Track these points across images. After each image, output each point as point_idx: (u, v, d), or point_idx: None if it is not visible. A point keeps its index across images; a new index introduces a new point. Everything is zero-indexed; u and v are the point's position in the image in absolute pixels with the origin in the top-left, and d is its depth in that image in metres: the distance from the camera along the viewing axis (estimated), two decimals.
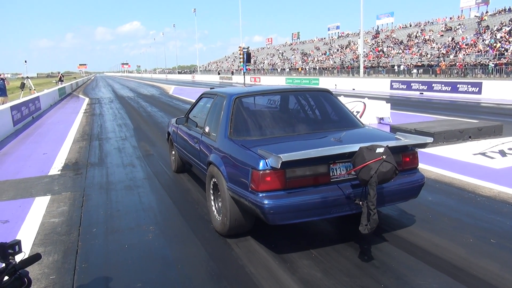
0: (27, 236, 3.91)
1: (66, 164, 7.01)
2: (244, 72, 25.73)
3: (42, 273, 3.20)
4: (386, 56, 48.68)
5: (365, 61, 43.49)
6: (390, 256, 3.33)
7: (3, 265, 1.93)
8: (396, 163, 3.06)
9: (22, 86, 20.36)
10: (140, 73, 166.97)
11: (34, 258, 2.03)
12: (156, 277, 3.12)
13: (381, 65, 45.42)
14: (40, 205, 4.84)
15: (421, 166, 5.96)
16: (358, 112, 11.18)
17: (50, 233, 4.00)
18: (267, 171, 3.06)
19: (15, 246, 1.92)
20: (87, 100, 23.47)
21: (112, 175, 6.20)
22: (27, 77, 23.19)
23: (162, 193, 5.22)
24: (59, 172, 6.45)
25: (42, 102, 17.46)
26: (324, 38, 75.83)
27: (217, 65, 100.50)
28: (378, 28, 62.47)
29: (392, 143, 3.31)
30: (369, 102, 11.04)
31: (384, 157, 2.99)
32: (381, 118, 10.77)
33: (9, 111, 11.67)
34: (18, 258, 1.95)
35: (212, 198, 3.91)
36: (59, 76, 37.48)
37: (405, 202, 3.91)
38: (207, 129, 4.24)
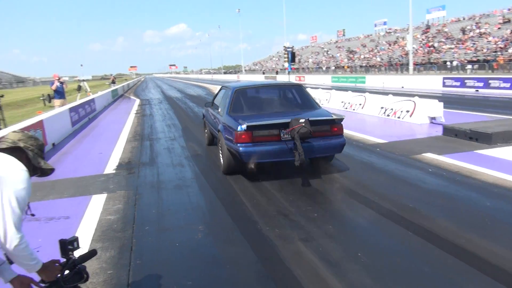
0: (86, 232, 4.16)
1: (120, 164, 7.36)
2: (288, 72, 25.66)
3: (100, 268, 3.39)
4: (437, 51, 46.58)
5: (414, 57, 41.88)
6: (445, 263, 3.20)
7: (64, 260, 2.08)
8: (324, 130, 5.47)
9: (79, 88, 21.57)
10: (187, 74, 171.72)
11: (91, 254, 2.17)
12: (206, 275, 3.20)
13: (432, 61, 43.51)
14: (97, 203, 5.12)
15: (476, 169, 5.69)
16: (408, 111, 10.80)
17: (106, 229, 4.22)
18: (242, 132, 5.26)
19: (74, 242, 2.07)
20: (138, 101, 24.43)
21: (163, 175, 6.43)
22: (83, 80, 24.60)
23: (210, 193, 5.34)
24: (114, 171, 6.78)
25: (97, 103, 18.41)
26: (371, 35, 73.88)
27: (262, 64, 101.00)
28: (428, 22, 59.88)
29: (317, 118, 5.47)
30: (420, 101, 10.63)
31: (303, 124, 5.10)
32: (433, 118, 10.32)
33: (68, 113, 12.41)
34: (77, 253, 2.10)
35: (220, 150, 6.24)
36: (111, 79, 39.57)
37: (461, 210, 4.30)
38: (219, 109, 6.60)
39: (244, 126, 5.25)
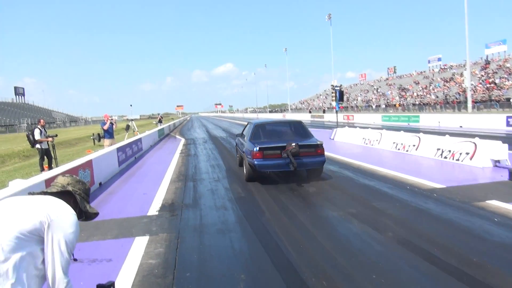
0: (127, 276, 4.21)
1: (163, 205, 7.52)
2: (336, 111, 25.60)
3: None
4: (499, 88, 44.74)
5: (473, 94, 40.44)
6: None
7: None
8: (312, 150, 8.46)
9: (127, 128, 22.79)
10: (232, 112, 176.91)
11: None
12: None
13: (493, 98, 41.77)
14: (139, 245, 5.21)
15: None
16: (468, 153, 10.30)
17: (147, 274, 4.26)
18: (256, 151, 8.09)
19: (111, 287, 2.12)
20: (183, 140, 25.21)
21: (205, 218, 6.47)
22: (132, 120, 25.92)
23: (254, 239, 5.28)
24: (157, 213, 6.93)
25: (144, 143, 19.24)
26: (424, 71, 72.62)
27: (308, 103, 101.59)
28: (487, 57, 58.09)
29: (305, 143, 8.49)
30: (481, 142, 10.13)
31: (293, 146, 8.03)
32: (497, 161, 9.74)
33: (115, 153, 13.03)
34: None
35: (244, 166, 9.12)
36: (158, 118, 41.81)
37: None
38: (245, 138, 9.67)
39: (257, 148, 8.43)
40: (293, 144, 8.30)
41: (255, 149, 8.42)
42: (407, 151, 13.24)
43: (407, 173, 9.35)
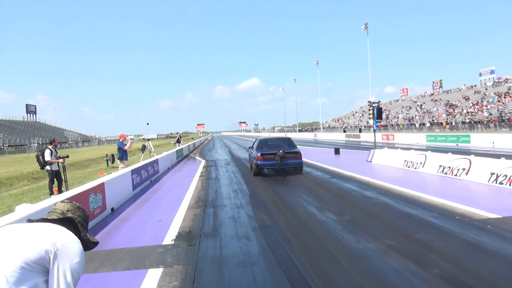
0: None
1: (180, 233, 7.55)
2: (374, 130, 25.32)
3: None
4: None
5: None
6: None
7: None
8: (293, 155, 15.44)
9: (143, 148, 23.11)
10: (258, 132, 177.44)
11: None
12: None
13: None
14: (152, 279, 5.23)
15: None
16: (506, 177, 9.92)
17: None
18: (259, 155, 15.20)
19: None
20: (203, 162, 25.47)
21: (226, 248, 6.45)
22: (148, 140, 26.29)
23: (278, 272, 5.21)
24: (173, 242, 6.96)
25: (161, 165, 19.54)
26: (475, 86, 71.24)
27: (343, 121, 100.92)
28: None
29: (289, 150, 15.60)
30: None
31: (281, 152, 15.03)
32: None
33: (129, 175, 13.26)
34: None
35: (250, 165, 17.25)
36: (177, 138, 42.50)
37: None
38: (253, 148, 16.69)
39: (259, 153, 14.94)
40: (281, 151, 15.17)
41: (258, 154, 15.46)
42: (455, 175, 12.89)
43: (455, 200, 9.08)
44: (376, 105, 23.77)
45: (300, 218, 8.30)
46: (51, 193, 12.44)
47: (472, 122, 52.02)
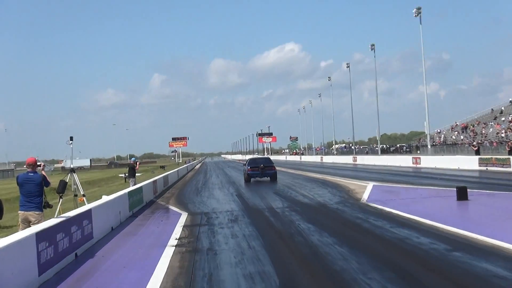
0: None
1: None
2: None
3: None
4: None
5: None
6: None
7: None
8: (271, 167, 27.30)
9: (62, 188, 11.93)
10: (295, 153, 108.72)
11: None
12: None
13: None
14: None
15: None
16: None
17: None
18: (248, 168, 27.63)
19: None
20: (184, 216, 13.72)
21: None
22: (72, 170, 14.50)
23: None
24: None
25: (96, 222, 10.12)
26: None
27: (473, 131, 53.35)
28: None
29: (267, 165, 27.45)
30: None
31: (262, 166, 26.92)
32: None
33: (33, 245, 6.55)
34: None
35: (244, 176, 29.36)
36: (130, 167, 23.53)
37: None
38: (246, 165, 29.44)
39: (248, 167, 27.12)
40: (262, 165, 26.48)
41: (248, 167, 26.85)
42: None
43: None
44: None
45: None
46: None
47: None
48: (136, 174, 23.54)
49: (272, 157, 47.71)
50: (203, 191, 23.28)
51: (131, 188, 17.25)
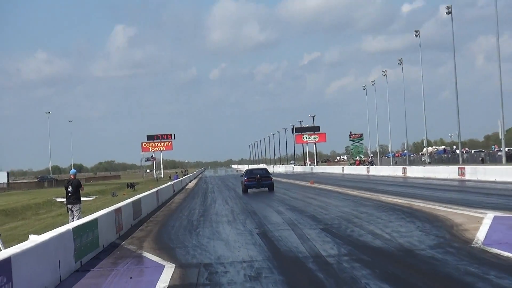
0: None
1: None
2: None
3: None
4: None
5: None
6: None
7: None
8: (268, 177, 30.65)
9: None
10: (362, 161, 74.67)
11: None
12: None
13: None
14: None
15: None
16: None
17: None
18: (245, 178, 30.95)
19: None
20: (168, 270, 8.09)
21: None
22: None
23: None
24: None
25: (19, 280, 5.80)
26: None
27: None
28: None
29: (264, 175, 31.21)
30: None
31: (258, 177, 30.24)
32: None
33: None
34: None
35: (241, 186, 31.02)
36: (73, 182, 14.26)
37: None
38: (243, 176, 32.01)
39: (246, 177, 28.98)
40: (258, 175, 28.44)
41: (245, 178, 28.50)
42: None
43: None
44: None
45: None
46: None
47: None
48: (82, 199, 15.40)
49: (319, 168, 53.87)
50: (200, 227, 14.64)
51: (78, 222, 10.58)
